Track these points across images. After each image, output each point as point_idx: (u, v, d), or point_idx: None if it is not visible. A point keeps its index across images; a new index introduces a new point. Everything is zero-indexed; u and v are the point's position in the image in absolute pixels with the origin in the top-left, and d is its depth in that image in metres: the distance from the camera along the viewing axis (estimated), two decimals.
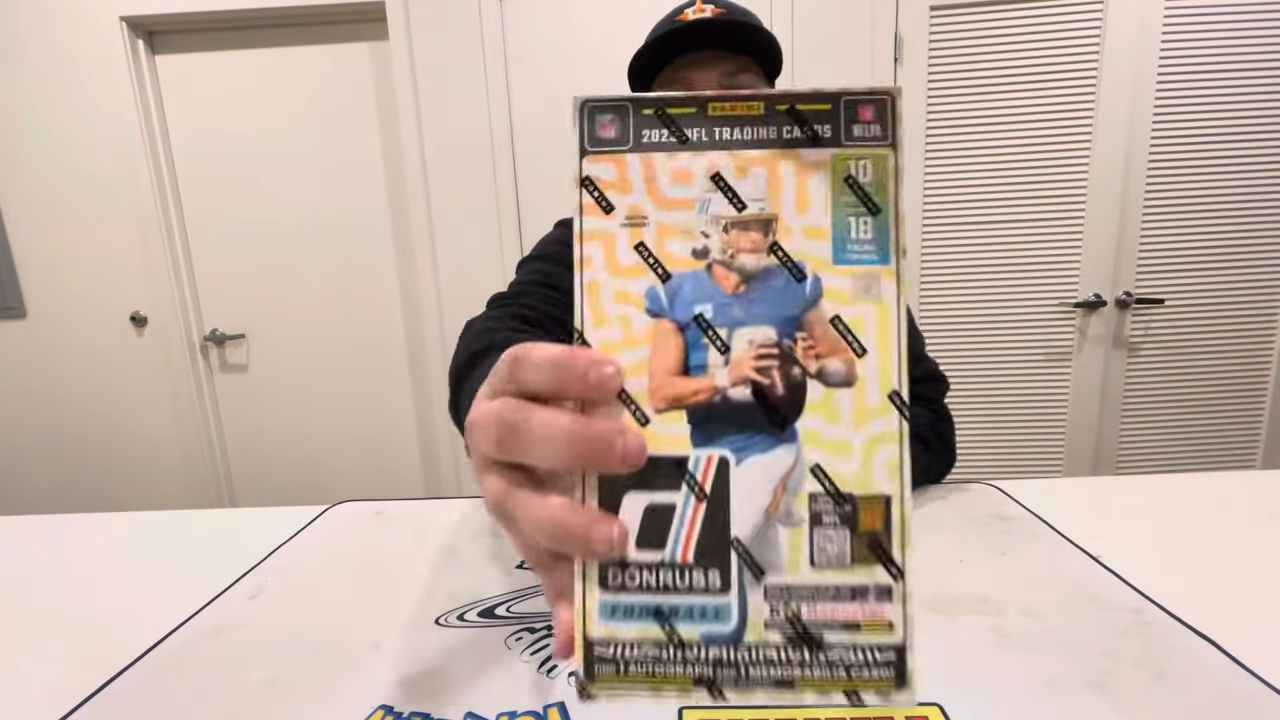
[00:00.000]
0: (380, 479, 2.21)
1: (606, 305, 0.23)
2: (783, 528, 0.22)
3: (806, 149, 0.22)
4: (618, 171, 0.23)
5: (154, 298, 2.07)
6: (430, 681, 0.41)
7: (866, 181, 0.22)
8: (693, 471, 0.22)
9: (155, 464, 2.19)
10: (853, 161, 0.22)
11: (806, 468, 0.22)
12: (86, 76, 1.94)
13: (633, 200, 0.23)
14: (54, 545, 0.68)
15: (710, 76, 0.71)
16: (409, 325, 2.12)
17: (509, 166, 1.92)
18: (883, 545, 0.22)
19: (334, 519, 0.71)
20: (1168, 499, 0.68)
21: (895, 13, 1.78)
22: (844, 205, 0.22)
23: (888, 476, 0.22)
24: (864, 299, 0.22)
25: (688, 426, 0.22)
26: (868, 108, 0.22)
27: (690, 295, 0.23)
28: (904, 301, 0.22)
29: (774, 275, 0.22)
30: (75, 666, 0.45)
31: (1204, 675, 0.39)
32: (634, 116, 0.23)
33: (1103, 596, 0.48)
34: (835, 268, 0.22)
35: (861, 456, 0.22)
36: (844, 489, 0.22)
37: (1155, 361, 1.90)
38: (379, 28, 1.91)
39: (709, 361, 0.22)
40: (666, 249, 0.23)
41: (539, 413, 0.22)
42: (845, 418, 0.22)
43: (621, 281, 0.23)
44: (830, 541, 0.22)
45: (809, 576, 0.22)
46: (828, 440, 0.22)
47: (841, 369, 0.22)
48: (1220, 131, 1.76)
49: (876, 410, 0.22)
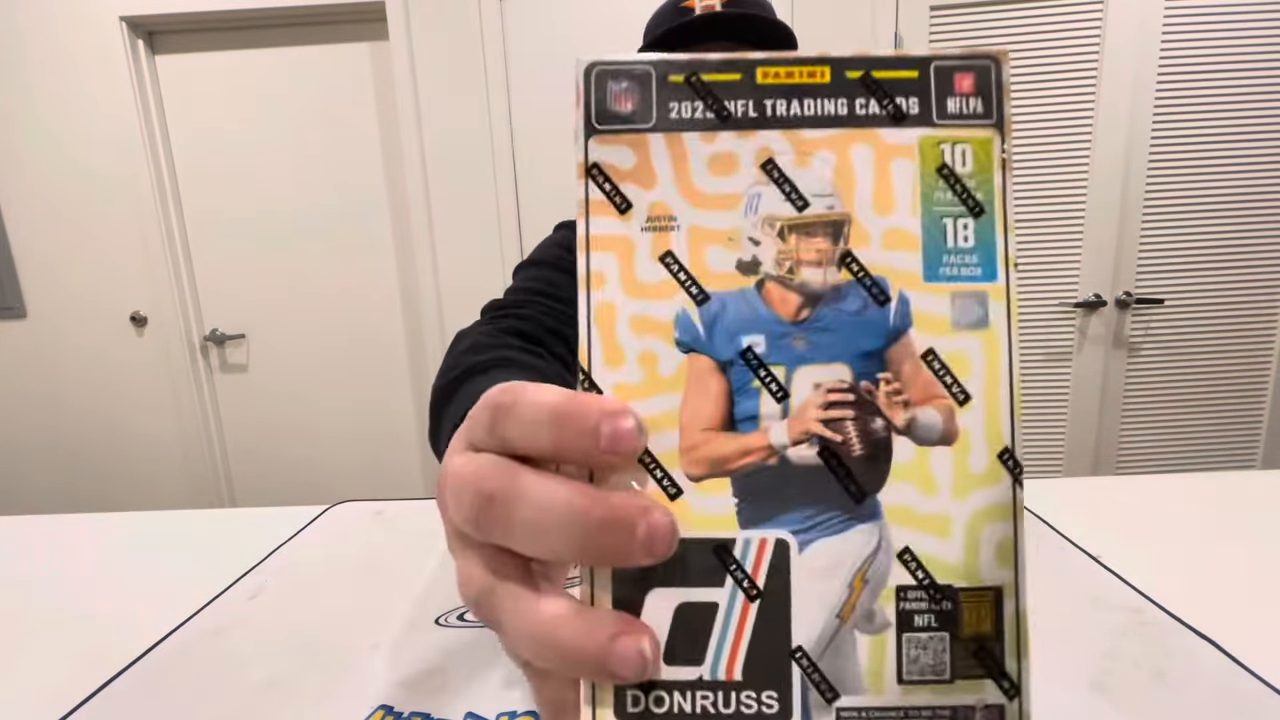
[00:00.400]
0: (380, 479, 2.21)
1: (623, 337, 0.17)
2: (861, 634, 0.17)
3: (887, 129, 0.17)
4: (637, 157, 0.18)
5: (154, 298, 2.07)
6: (430, 681, 0.41)
7: (966, 172, 0.17)
8: (740, 560, 0.17)
9: (155, 464, 2.19)
10: (948, 146, 0.17)
11: (893, 553, 0.17)
12: (86, 76, 1.94)
13: (657, 196, 0.18)
14: (54, 545, 0.68)
15: None
16: (409, 325, 2.12)
17: (509, 167, 1.92)
18: (992, 653, 0.17)
19: (334, 519, 0.71)
20: (1168, 499, 0.68)
21: (895, 13, 1.78)
22: (938, 204, 0.17)
23: (998, 562, 0.17)
24: (966, 327, 0.17)
25: (733, 500, 0.17)
26: (966, 76, 0.17)
27: (735, 323, 0.17)
28: (1016, 329, 0.17)
29: (847, 296, 0.17)
30: (75, 666, 0.45)
31: (1204, 675, 0.39)
32: (658, 85, 0.18)
33: (1103, 596, 0.48)
34: (928, 286, 0.17)
35: (964, 537, 0.17)
36: (942, 580, 0.17)
37: (1155, 361, 1.90)
38: (379, 28, 1.91)
39: (761, 412, 0.17)
40: (703, 260, 0.18)
41: (531, 483, 0.16)
42: (943, 486, 0.17)
43: (643, 304, 0.17)
44: (924, 650, 0.17)
45: (897, 696, 0.17)
46: (920, 516, 0.17)
47: (939, 421, 0.17)
48: (1220, 131, 1.76)
49: (984, 475, 0.17)
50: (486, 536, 0.17)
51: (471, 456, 0.18)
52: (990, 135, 0.17)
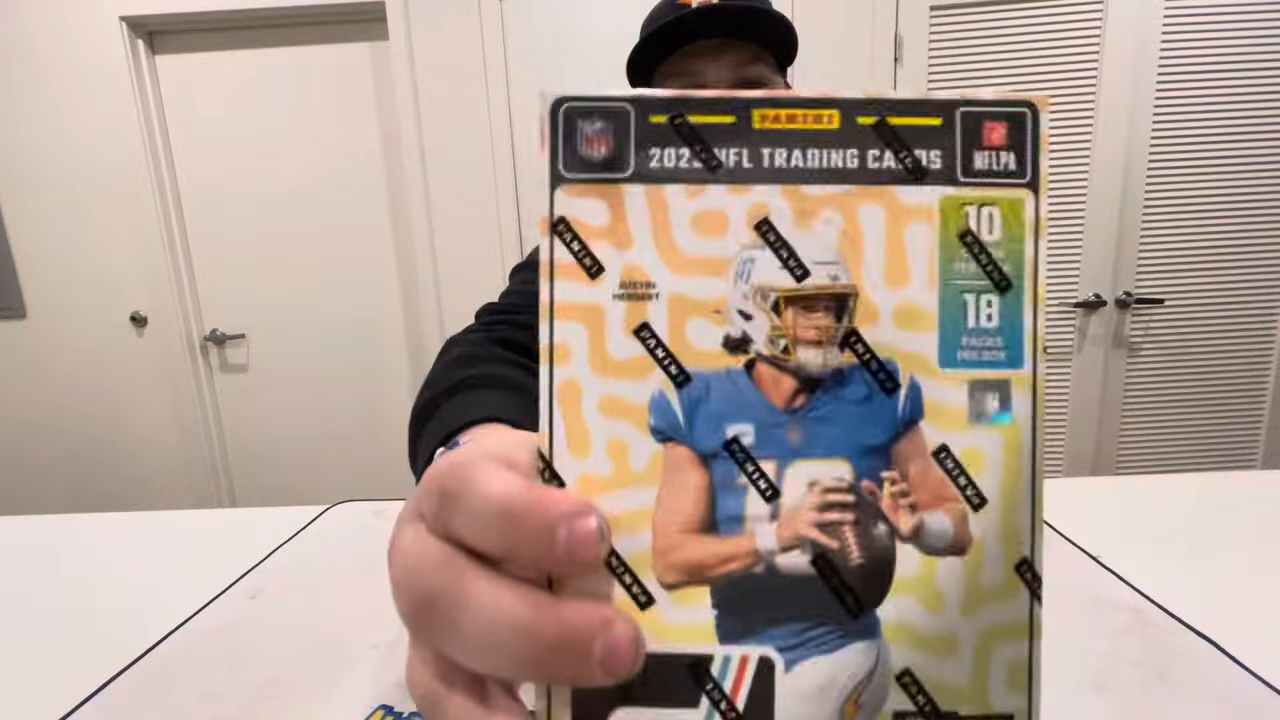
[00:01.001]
0: (380, 479, 2.21)
1: (591, 420, 0.15)
2: None
3: (903, 186, 0.15)
4: (611, 212, 0.15)
5: (154, 298, 2.07)
6: None
7: (993, 240, 0.15)
8: (719, 680, 0.15)
9: (155, 464, 2.19)
10: (973, 208, 0.15)
11: (892, 675, 0.15)
12: (86, 76, 1.93)
13: (633, 258, 0.15)
14: (54, 545, 0.68)
15: (719, 67, 0.63)
16: (409, 325, 2.12)
17: (509, 167, 1.92)
18: None
19: (334, 519, 0.71)
20: (1168, 499, 0.68)
21: (895, 13, 1.77)
22: (959, 275, 0.15)
23: (1009, 688, 0.15)
24: (986, 422, 0.15)
25: (712, 611, 0.15)
26: (997, 126, 0.15)
27: (721, 409, 0.15)
28: (1041, 425, 0.16)
29: (851, 382, 0.15)
30: (75, 666, 0.45)
31: (1204, 675, 0.39)
32: (638, 127, 0.15)
33: (1103, 596, 0.48)
34: (944, 373, 0.15)
35: (973, 659, 0.15)
36: (946, 706, 0.15)
37: (1155, 361, 1.90)
38: (379, 28, 1.91)
39: (748, 513, 0.15)
40: (685, 336, 0.15)
41: (476, 588, 0.14)
42: (951, 601, 0.15)
43: (614, 384, 0.15)
44: None
45: None
46: (924, 635, 0.15)
47: (949, 528, 0.15)
48: (1220, 131, 1.76)
49: (998, 590, 0.15)
50: (428, 640, 0.15)
51: (418, 537, 0.16)
52: (1023, 196, 0.15)
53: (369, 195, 2.05)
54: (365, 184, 2.04)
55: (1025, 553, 0.15)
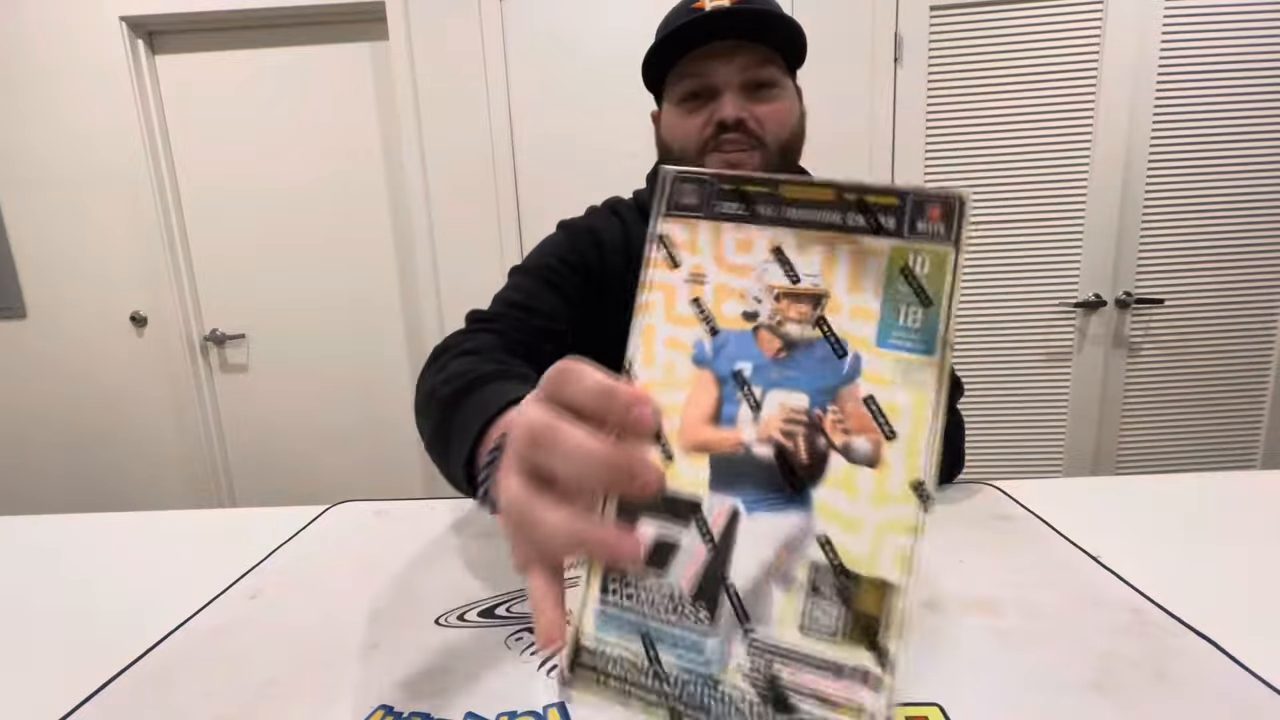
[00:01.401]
0: (380, 479, 2.21)
1: (658, 348, 0.25)
2: (778, 588, 0.22)
3: (869, 236, 0.23)
4: (689, 234, 0.25)
5: (154, 298, 2.07)
6: (430, 681, 0.41)
7: (923, 274, 0.22)
8: (705, 516, 0.23)
9: (155, 464, 2.19)
10: (912, 254, 0.23)
11: (814, 536, 0.22)
12: (86, 76, 1.93)
13: (698, 260, 0.25)
14: (54, 545, 0.68)
15: (731, 69, 0.66)
16: (409, 325, 2.12)
17: (509, 167, 1.92)
18: (876, 630, 0.21)
19: (334, 519, 0.71)
20: (1168, 499, 0.68)
21: (895, 13, 1.77)
22: (897, 293, 0.23)
23: (896, 565, 0.21)
24: (902, 385, 0.22)
25: (708, 471, 0.23)
26: (936, 207, 0.23)
27: (734, 352, 0.24)
28: (944, 397, 0.22)
29: (816, 347, 0.23)
30: (75, 666, 0.45)
31: (1204, 675, 0.39)
32: (712, 189, 0.25)
33: (1103, 596, 0.48)
34: (878, 350, 0.23)
35: (873, 538, 0.22)
36: (849, 566, 0.22)
37: (1155, 361, 1.90)
38: (379, 28, 1.91)
39: (739, 416, 0.23)
40: (721, 307, 0.24)
41: (574, 429, 0.23)
42: (863, 497, 0.22)
43: (675, 329, 0.25)
44: (824, 613, 0.22)
45: (795, 640, 0.22)
46: (842, 515, 0.22)
47: (868, 448, 0.22)
48: (1220, 131, 1.76)
49: (897, 497, 0.22)
50: (535, 455, 0.24)
51: (534, 402, 0.25)
52: (948, 251, 0.22)
53: (369, 195, 2.05)
54: (365, 184, 2.04)
55: (920, 476, 0.22)
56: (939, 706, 0.37)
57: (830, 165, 1.79)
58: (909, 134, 1.83)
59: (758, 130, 0.67)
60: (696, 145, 0.69)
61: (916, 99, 1.81)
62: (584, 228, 0.77)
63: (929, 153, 1.83)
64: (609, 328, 0.76)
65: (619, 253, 0.76)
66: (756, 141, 0.67)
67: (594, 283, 0.74)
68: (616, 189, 0.94)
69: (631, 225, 0.78)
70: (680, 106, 0.70)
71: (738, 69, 0.66)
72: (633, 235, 0.77)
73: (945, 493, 0.69)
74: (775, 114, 0.68)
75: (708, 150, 0.68)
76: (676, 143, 0.71)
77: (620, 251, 0.76)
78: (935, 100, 1.81)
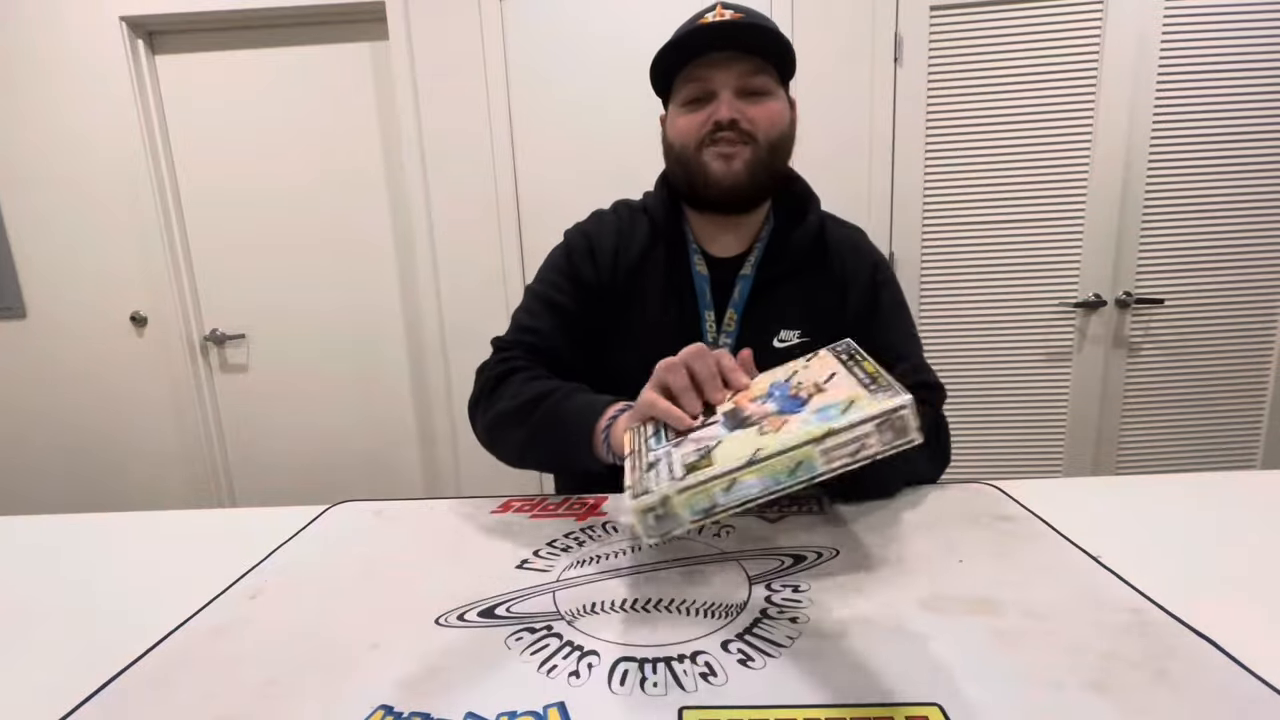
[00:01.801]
0: (380, 479, 2.21)
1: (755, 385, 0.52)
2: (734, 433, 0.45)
3: (854, 376, 0.45)
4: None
5: (154, 298, 2.07)
6: (430, 681, 0.41)
7: (879, 383, 0.42)
8: (721, 439, 0.45)
9: (155, 464, 2.19)
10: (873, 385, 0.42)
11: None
12: (86, 76, 1.93)
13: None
14: (54, 545, 0.68)
15: (728, 76, 0.73)
16: (409, 325, 2.12)
17: (509, 167, 1.92)
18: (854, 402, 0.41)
19: (334, 519, 0.71)
20: (1168, 499, 0.68)
21: (895, 13, 1.77)
22: (859, 379, 0.44)
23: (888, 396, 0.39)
24: (875, 396, 0.40)
25: (728, 423, 0.47)
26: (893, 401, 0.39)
27: (778, 391, 0.49)
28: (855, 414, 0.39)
29: (793, 400, 0.46)
30: (75, 666, 0.45)
31: (1204, 675, 0.39)
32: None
33: (1103, 596, 0.48)
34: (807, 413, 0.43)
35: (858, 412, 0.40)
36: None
37: (1155, 361, 1.90)
38: (379, 28, 1.91)
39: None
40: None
41: (683, 371, 0.53)
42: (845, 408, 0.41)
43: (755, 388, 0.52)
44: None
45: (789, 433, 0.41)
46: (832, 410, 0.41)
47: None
48: (1220, 131, 1.76)
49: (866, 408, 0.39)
50: (662, 381, 0.53)
51: (666, 361, 0.54)
52: (902, 395, 0.38)
53: (369, 195, 2.05)
54: (365, 184, 2.04)
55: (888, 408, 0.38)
56: (939, 706, 0.37)
57: (830, 165, 1.80)
58: (909, 134, 1.83)
59: (750, 129, 0.74)
60: (695, 141, 0.75)
61: (916, 99, 1.81)
62: (579, 240, 0.85)
63: (929, 153, 1.83)
64: (609, 325, 0.81)
65: (615, 256, 0.82)
66: (748, 138, 0.74)
67: (591, 292, 0.82)
68: (616, 189, 0.95)
69: (633, 229, 0.84)
70: (683, 108, 0.77)
71: (734, 76, 0.73)
72: (634, 239, 0.83)
73: (945, 492, 0.69)
74: (766, 115, 0.74)
75: (704, 145, 0.75)
76: (678, 140, 0.77)
77: (616, 255, 0.82)
78: (935, 100, 1.81)
